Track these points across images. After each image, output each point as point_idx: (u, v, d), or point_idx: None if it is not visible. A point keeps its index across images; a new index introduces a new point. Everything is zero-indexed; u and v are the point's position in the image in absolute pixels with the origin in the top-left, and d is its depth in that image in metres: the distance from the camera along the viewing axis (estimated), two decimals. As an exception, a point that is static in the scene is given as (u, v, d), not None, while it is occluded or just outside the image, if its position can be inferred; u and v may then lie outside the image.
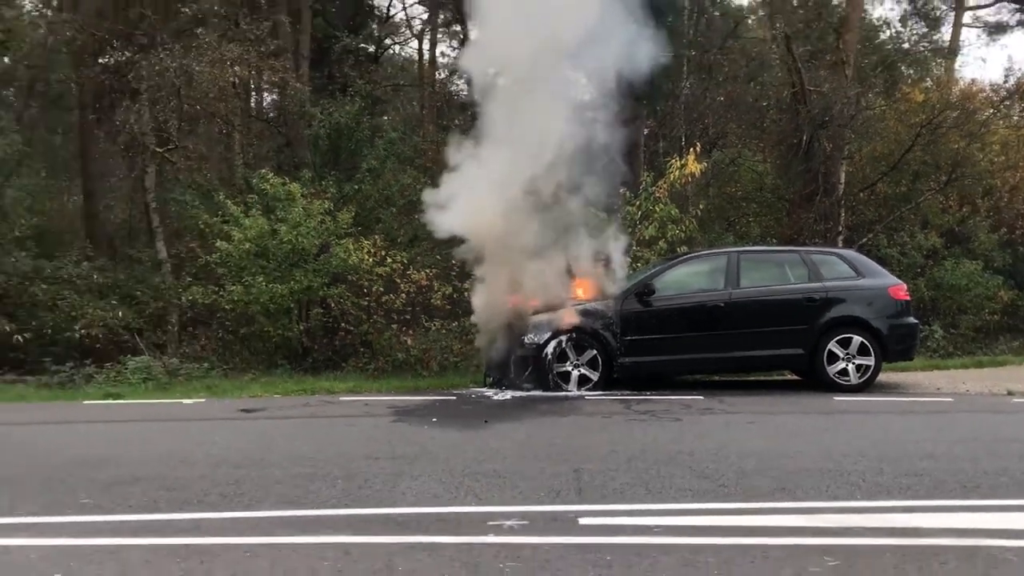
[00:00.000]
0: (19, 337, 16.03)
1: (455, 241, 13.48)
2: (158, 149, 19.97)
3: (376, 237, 16.84)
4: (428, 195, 13.50)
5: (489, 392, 12.41)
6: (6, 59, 28.14)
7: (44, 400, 13.06)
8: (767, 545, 5.71)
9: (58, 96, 27.10)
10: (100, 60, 22.78)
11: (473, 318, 13.63)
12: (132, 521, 6.44)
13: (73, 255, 18.98)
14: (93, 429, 10.52)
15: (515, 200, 12.56)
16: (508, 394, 12.10)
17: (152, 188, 20.39)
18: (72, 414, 11.62)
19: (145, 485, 7.44)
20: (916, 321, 13.24)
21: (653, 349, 12.49)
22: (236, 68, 19.65)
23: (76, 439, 9.78)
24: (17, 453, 8.85)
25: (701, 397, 11.79)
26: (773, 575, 5.18)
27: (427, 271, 16.54)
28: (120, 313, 16.86)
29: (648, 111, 23.15)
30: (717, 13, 29.39)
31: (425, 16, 28.99)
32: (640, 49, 12.89)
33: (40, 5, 28.47)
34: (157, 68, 18.82)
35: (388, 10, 29.25)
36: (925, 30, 32.92)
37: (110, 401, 12.78)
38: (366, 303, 16.05)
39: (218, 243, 15.87)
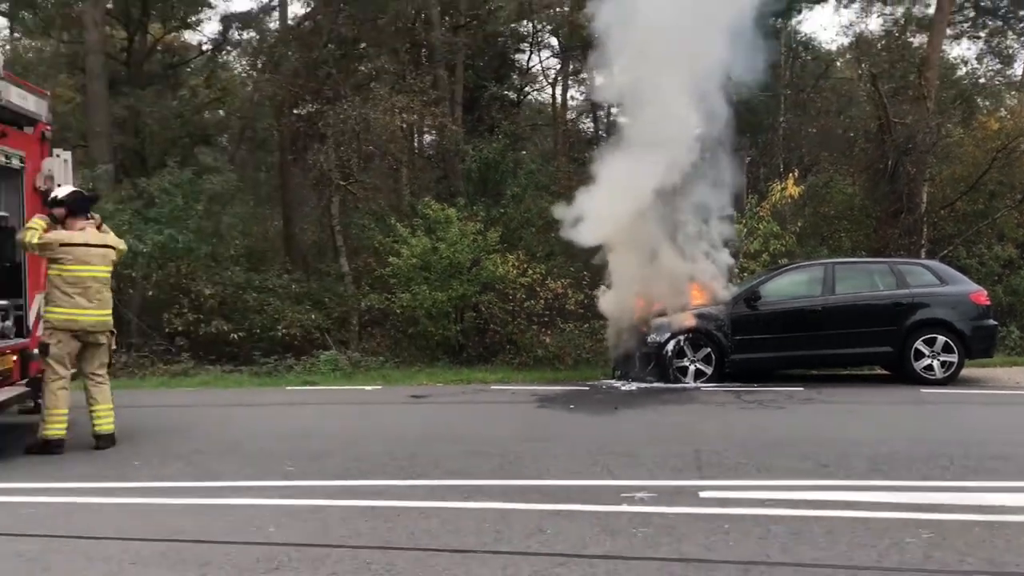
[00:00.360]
0: (235, 335, 16.59)
1: (587, 255, 13.43)
2: (341, 182, 20.46)
3: (519, 253, 16.91)
4: (563, 212, 13.38)
5: (617, 383, 12.30)
6: (222, 112, 29.36)
7: (255, 386, 13.51)
8: (867, 518, 5.52)
9: (263, 141, 28.05)
10: (296, 111, 23.48)
11: (604, 320, 13.57)
12: (328, 486, 6.59)
13: (275, 269, 19.59)
14: (294, 410, 10.83)
15: (641, 217, 12.45)
16: (634, 385, 11.97)
17: (336, 214, 20.89)
18: (277, 397, 11.99)
19: (338, 457, 7.62)
20: (995, 323, 12.69)
21: (760, 347, 12.28)
22: (404, 115, 19.99)
23: (281, 418, 10.09)
24: (236, 429, 9.16)
25: (802, 389, 11.46)
26: (873, 544, 4.98)
27: (562, 281, 16.53)
28: (312, 316, 17.30)
29: (751, 142, 22.69)
30: (809, 57, 28.62)
31: (558, 67, 29.05)
32: (744, 88, 12.70)
33: (248, 68, 29.59)
34: (341, 116, 19.32)
35: (527, 63, 29.46)
36: (999, 66, 31.54)
37: (306, 387, 13.14)
38: (511, 308, 16.11)
39: (390, 259, 16.19)
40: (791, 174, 16.95)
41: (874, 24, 30.88)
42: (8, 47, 28.08)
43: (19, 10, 29.31)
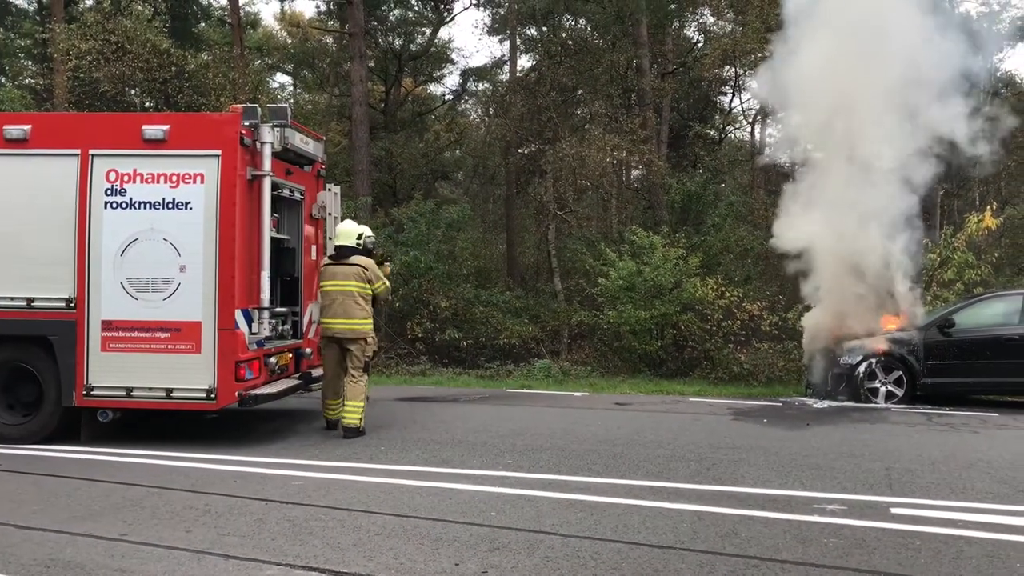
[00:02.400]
0: (464, 342, 17.13)
1: (781, 280, 12.91)
2: (558, 212, 20.77)
3: (717, 277, 16.46)
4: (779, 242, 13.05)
5: (809, 401, 11.66)
6: (459, 152, 30.55)
7: (479, 387, 13.87)
8: (1070, 548, 4.91)
9: (492, 176, 28.86)
10: (520, 150, 24.07)
11: (797, 341, 12.98)
12: (541, 479, 6.66)
13: (499, 287, 20.09)
14: (512, 410, 10.99)
15: (843, 240, 11.92)
16: (825, 403, 11.30)
17: (552, 240, 21.19)
18: (498, 398, 12.21)
19: (549, 453, 7.67)
20: None
21: (953, 372, 11.27)
22: (615, 153, 20.03)
23: (501, 416, 10.26)
24: (464, 424, 9.40)
25: (996, 415, 10.40)
26: (1078, 575, 4.42)
27: (758, 304, 15.94)
28: (529, 328, 17.57)
29: (946, 175, 20.97)
30: (1010, 94, 26.13)
31: (757, 107, 28.17)
32: (940, 124, 11.86)
33: (482, 114, 30.65)
34: (559, 155, 19.64)
35: (729, 104, 28.75)
36: None
37: (524, 390, 13.34)
38: (709, 327, 15.70)
39: (599, 280, 16.21)
40: (988, 207, 15.49)
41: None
42: (292, 100, 30.53)
43: (300, 70, 31.93)
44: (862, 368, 11.43)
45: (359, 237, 8.56)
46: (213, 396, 7.61)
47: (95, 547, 4.91)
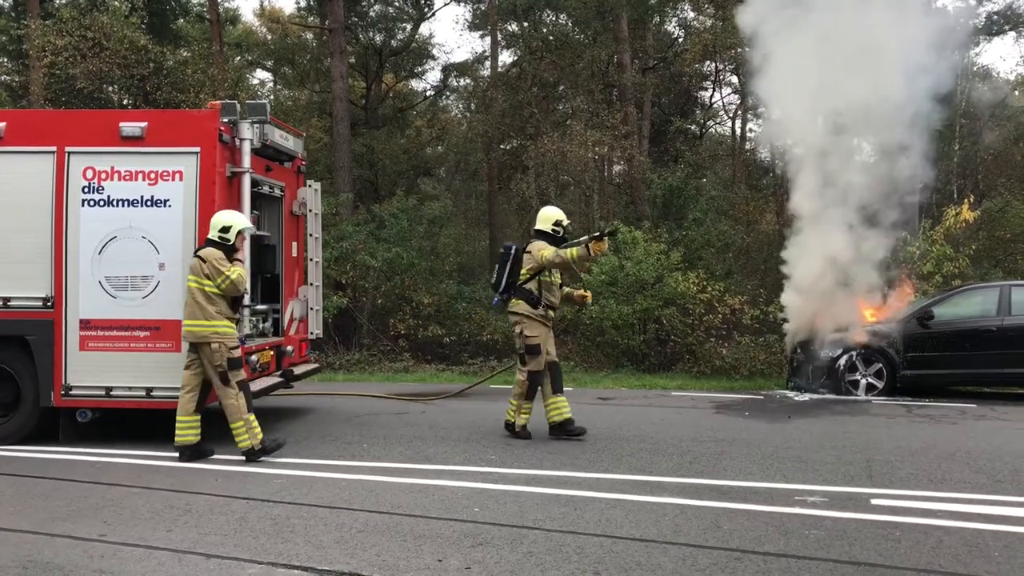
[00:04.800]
0: (447, 339, 17.10)
1: (762, 274, 12.98)
2: (540, 208, 20.72)
3: (699, 271, 16.50)
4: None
5: (790, 394, 11.73)
6: (440, 148, 30.48)
7: (463, 383, 13.80)
8: (1046, 536, 4.98)
9: (474, 172, 28.85)
10: (502, 146, 24.04)
11: (779, 335, 13.05)
12: (525, 474, 6.65)
13: (482, 283, 20.03)
14: (495, 406, 10.83)
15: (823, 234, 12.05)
16: (806, 396, 11.38)
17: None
18: (483, 391, 12.15)
19: (532, 449, 7.67)
20: None
21: (931, 364, 11.38)
22: (596, 148, 20.08)
23: (484, 412, 10.16)
24: (447, 420, 9.36)
25: (975, 405, 10.51)
26: (1055, 563, 4.48)
27: (739, 298, 16.00)
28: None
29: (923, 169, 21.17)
30: (986, 88, 26.37)
31: (738, 102, 28.27)
32: (917, 118, 11.96)
33: (463, 110, 30.63)
34: (541, 150, 19.63)
35: (710, 99, 28.87)
36: None
37: (507, 386, 13.22)
38: (690, 321, 15.73)
39: (582, 275, 16.20)
40: (966, 199, 15.64)
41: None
42: (272, 96, 30.35)
43: (280, 66, 31.73)
44: (843, 361, 11.51)
45: (224, 230, 7.25)
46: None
47: (74, 548, 4.86)
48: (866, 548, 4.75)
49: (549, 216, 8.39)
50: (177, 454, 7.18)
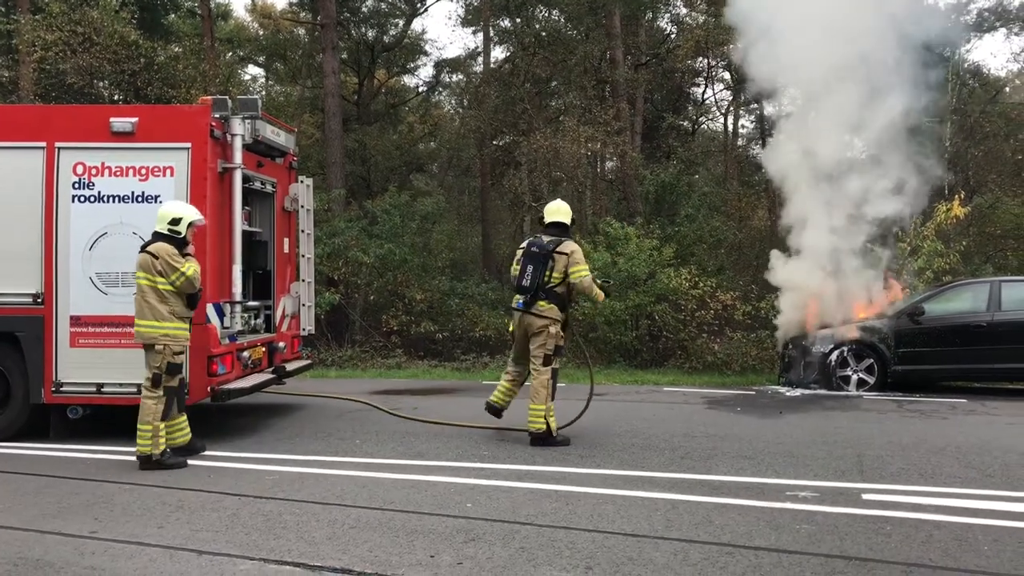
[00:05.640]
0: (440, 335, 17.10)
1: (754, 270, 13.02)
2: (533, 204, 20.74)
3: (691, 267, 16.55)
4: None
5: (782, 389, 11.76)
6: (433, 143, 30.44)
7: (455, 379, 13.84)
8: (1035, 530, 5.00)
9: (466, 168, 28.83)
10: (495, 142, 24.04)
11: (770, 330, 13.11)
12: (517, 470, 6.65)
13: (475, 279, 20.05)
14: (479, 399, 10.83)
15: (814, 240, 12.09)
16: (798, 392, 11.41)
17: (527, 232, 21.19)
18: (473, 387, 12.14)
19: (524, 444, 7.65)
20: None
21: (922, 359, 11.43)
22: (589, 144, 20.06)
23: (477, 408, 10.12)
24: (439, 416, 9.34)
25: (965, 401, 10.56)
26: (1043, 557, 4.50)
27: (731, 293, 16.06)
28: (505, 320, 17.52)
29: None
30: (977, 85, 26.44)
31: (730, 98, 28.34)
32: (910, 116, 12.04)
33: (456, 106, 30.59)
34: (534, 146, 19.63)
35: (702, 96, 28.88)
36: None
37: (499, 381, 13.25)
38: (683, 317, 15.78)
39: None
40: (958, 196, 15.71)
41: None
42: (263, 92, 30.25)
43: (272, 62, 31.65)
44: (834, 356, 11.55)
45: (173, 222, 6.85)
46: (185, 391, 7.53)
47: (64, 545, 4.84)
48: (857, 542, 4.77)
49: (566, 210, 8.01)
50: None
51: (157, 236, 6.85)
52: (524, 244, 7.99)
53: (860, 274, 12.25)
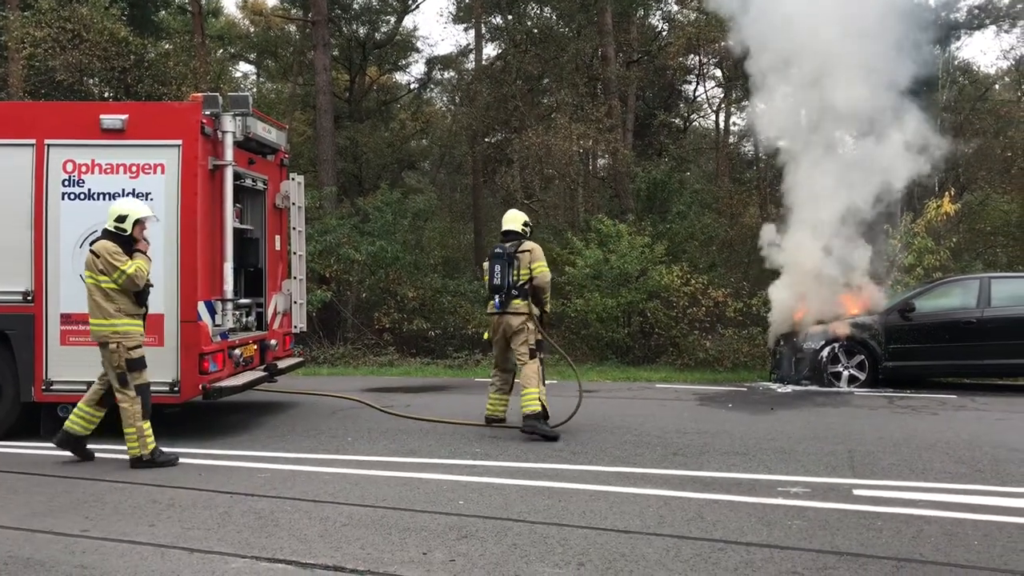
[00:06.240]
0: (432, 332, 17.08)
1: (745, 266, 13.06)
2: (525, 201, 20.73)
3: (683, 264, 16.57)
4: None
5: (774, 386, 11.81)
6: (425, 141, 30.38)
7: (448, 376, 13.83)
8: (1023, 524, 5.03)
9: (458, 165, 28.80)
10: (487, 139, 24.02)
11: (762, 327, 13.15)
12: (509, 467, 6.65)
13: (467, 276, 20.03)
14: (481, 399, 10.76)
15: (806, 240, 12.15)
16: (789, 388, 11.45)
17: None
18: (465, 384, 12.15)
19: (517, 442, 7.66)
20: None
21: (913, 356, 11.49)
22: (580, 141, 20.05)
23: (470, 405, 10.13)
24: (431, 414, 9.33)
25: (955, 396, 10.61)
26: (1033, 551, 4.52)
27: (722, 290, 16.09)
28: (481, 329, 17.56)
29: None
30: (967, 82, 26.52)
31: (721, 96, 28.34)
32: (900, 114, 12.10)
33: (448, 103, 30.53)
34: (526, 144, 19.62)
35: (694, 93, 28.91)
36: None
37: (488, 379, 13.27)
38: (675, 314, 15.81)
39: (566, 268, 16.24)
40: (947, 192, 15.79)
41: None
42: (255, 89, 30.14)
43: (264, 59, 31.54)
44: (825, 353, 11.60)
45: (119, 219, 6.75)
46: (177, 389, 7.51)
47: (55, 543, 4.82)
48: (848, 538, 4.78)
49: (519, 217, 8.38)
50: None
51: (105, 234, 6.80)
52: (489, 253, 8.41)
53: (853, 269, 12.28)
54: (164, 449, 6.90)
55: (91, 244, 6.82)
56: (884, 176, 12.17)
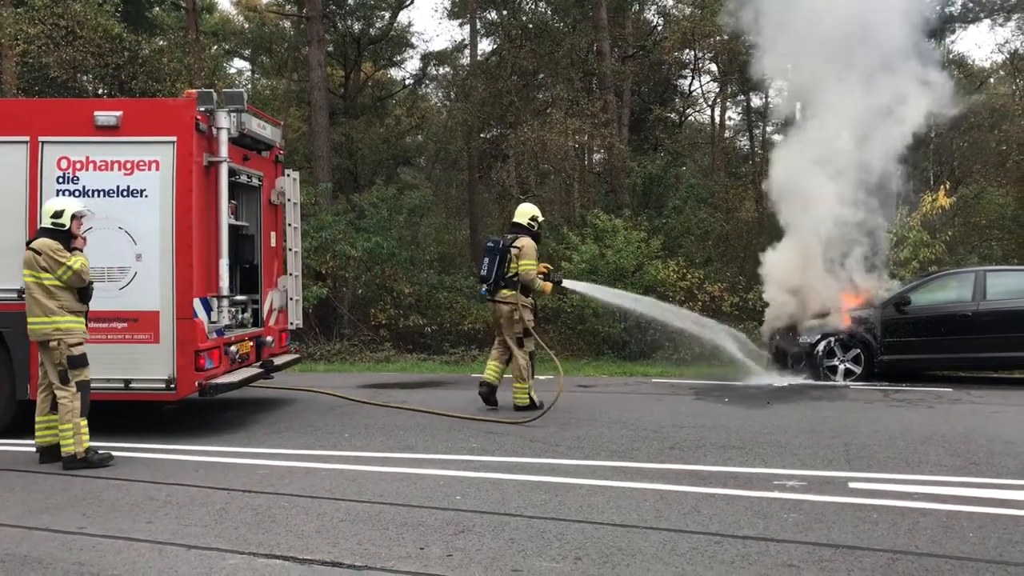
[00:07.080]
0: (428, 328, 17.07)
1: (741, 261, 13.07)
2: (521, 196, 20.69)
3: (679, 259, 16.60)
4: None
5: (770, 380, 11.82)
6: (420, 136, 30.35)
7: (444, 372, 13.82)
8: (1018, 516, 5.08)
9: (454, 161, 28.76)
10: (482, 135, 24.00)
11: (758, 321, 13.15)
12: (506, 462, 6.66)
13: (463, 272, 20.03)
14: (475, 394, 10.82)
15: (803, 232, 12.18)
16: (786, 382, 11.46)
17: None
18: (462, 380, 12.13)
19: (514, 436, 7.67)
20: None
21: (908, 349, 11.50)
22: (576, 136, 20.09)
23: (466, 401, 10.11)
24: (426, 406, 9.34)
25: (950, 390, 10.63)
26: (1027, 543, 4.54)
27: (718, 285, 16.11)
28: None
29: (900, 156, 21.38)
30: (962, 75, 26.56)
31: (717, 90, 28.37)
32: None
33: (443, 98, 30.48)
34: (521, 139, 19.60)
35: (689, 87, 28.93)
36: None
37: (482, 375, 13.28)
38: (671, 308, 15.84)
39: (562, 263, 16.25)
40: (942, 186, 15.82)
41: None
42: (249, 85, 30.07)
43: (258, 55, 31.47)
44: (821, 346, 11.61)
45: (56, 215, 6.66)
46: (173, 386, 7.50)
47: (52, 541, 4.82)
48: (844, 531, 4.80)
49: (527, 211, 9.08)
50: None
51: (42, 232, 6.71)
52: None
53: (849, 263, 12.30)
54: (102, 445, 6.81)
55: (28, 244, 6.74)
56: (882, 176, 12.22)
